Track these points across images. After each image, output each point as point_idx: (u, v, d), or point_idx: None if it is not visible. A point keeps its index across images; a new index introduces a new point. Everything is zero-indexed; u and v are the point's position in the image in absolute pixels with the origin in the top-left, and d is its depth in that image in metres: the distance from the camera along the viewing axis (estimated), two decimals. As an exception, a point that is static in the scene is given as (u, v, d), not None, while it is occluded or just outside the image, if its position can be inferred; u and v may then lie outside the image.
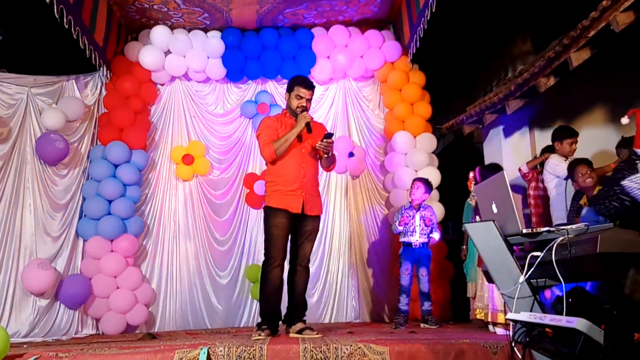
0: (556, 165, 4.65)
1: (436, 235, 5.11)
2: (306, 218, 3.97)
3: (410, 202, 5.10)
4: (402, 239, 5.07)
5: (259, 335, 3.71)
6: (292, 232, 3.98)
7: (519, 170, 5.14)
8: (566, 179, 4.50)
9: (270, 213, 3.93)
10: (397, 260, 5.95)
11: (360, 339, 3.35)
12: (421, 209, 5.04)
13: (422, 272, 4.97)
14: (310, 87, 4.02)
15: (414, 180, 5.19)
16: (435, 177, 5.85)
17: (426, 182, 5.11)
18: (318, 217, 4.08)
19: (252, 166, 6.24)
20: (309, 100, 4.02)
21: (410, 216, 5.01)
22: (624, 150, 4.11)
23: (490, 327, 4.31)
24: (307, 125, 3.88)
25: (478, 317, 4.51)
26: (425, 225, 5.00)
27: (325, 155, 3.98)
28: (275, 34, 6.15)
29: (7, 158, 5.18)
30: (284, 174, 3.93)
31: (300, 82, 4.03)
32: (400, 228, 5.03)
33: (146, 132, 6.00)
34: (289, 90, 4.04)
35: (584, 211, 3.44)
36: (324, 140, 3.84)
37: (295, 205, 3.90)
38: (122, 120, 5.77)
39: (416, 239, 4.98)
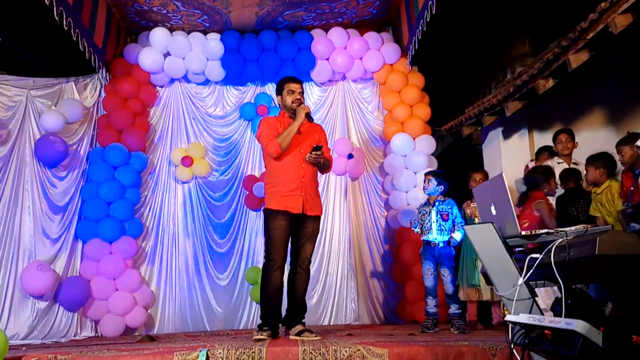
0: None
1: (457, 236, 4.56)
2: (307, 219, 3.97)
3: (427, 199, 4.78)
4: (422, 238, 4.69)
5: (260, 335, 3.71)
6: (292, 234, 3.98)
7: (526, 167, 5.17)
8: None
9: (270, 215, 3.93)
10: (396, 261, 5.98)
11: (359, 341, 3.35)
12: (437, 203, 4.59)
13: (444, 272, 4.52)
14: (298, 81, 4.12)
15: (425, 174, 4.82)
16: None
17: (437, 174, 4.68)
18: (318, 218, 4.09)
19: (251, 168, 6.24)
20: (301, 94, 4.09)
21: (426, 212, 4.62)
22: (625, 147, 4.05)
23: None
24: (308, 115, 3.94)
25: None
26: (443, 220, 4.52)
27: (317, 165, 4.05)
28: (275, 36, 6.15)
29: (6, 160, 5.17)
30: (283, 174, 3.94)
31: (287, 79, 4.15)
32: (417, 230, 4.69)
33: (145, 134, 6.00)
34: (279, 91, 4.12)
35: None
36: (313, 152, 3.91)
37: (296, 205, 3.90)
38: (121, 122, 5.77)
39: (434, 236, 4.53)
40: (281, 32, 6.21)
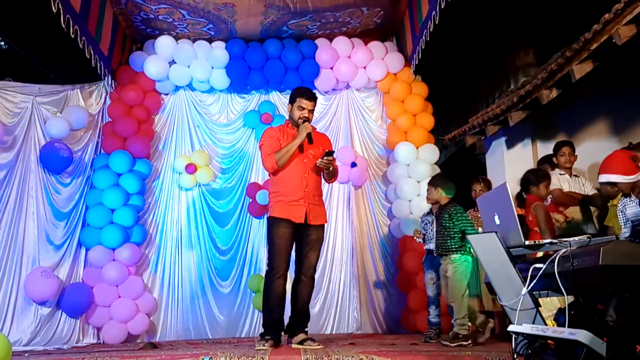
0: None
1: None
2: (310, 228, 3.97)
3: (430, 208, 4.76)
4: (424, 247, 4.70)
5: (262, 345, 3.70)
6: (296, 242, 3.98)
7: None
8: None
9: (273, 223, 3.94)
10: (399, 270, 5.97)
11: (362, 351, 3.35)
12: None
13: None
14: (312, 98, 4.05)
15: (429, 183, 4.75)
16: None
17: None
18: (322, 226, 4.08)
19: (254, 176, 6.25)
20: (311, 111, 4.04)
21: (428, 221, 4.64)
22: None
23: None
24: (308, 136, 3.91)
25: None
26: None
27: (327, 170, 4.00)
28: (279, 45, 6.18)
29: (12, 166, 5.20)
30: (286, 184, 3.95)
31: (302, 93, 4.06)
32: (419, 240, 4.71)
33: (150, 141, 6.03)
34: (292, 101, 4.08)
35: None
36: (325, 157, 3.87)
37: (298, 215, 3.90)
38: (126, 130, 5.79)
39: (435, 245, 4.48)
40: (286, 41, 6.24)
